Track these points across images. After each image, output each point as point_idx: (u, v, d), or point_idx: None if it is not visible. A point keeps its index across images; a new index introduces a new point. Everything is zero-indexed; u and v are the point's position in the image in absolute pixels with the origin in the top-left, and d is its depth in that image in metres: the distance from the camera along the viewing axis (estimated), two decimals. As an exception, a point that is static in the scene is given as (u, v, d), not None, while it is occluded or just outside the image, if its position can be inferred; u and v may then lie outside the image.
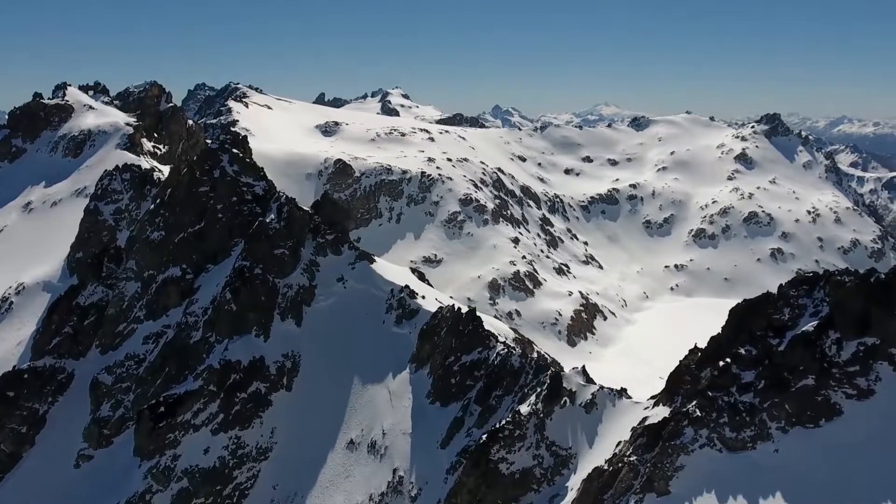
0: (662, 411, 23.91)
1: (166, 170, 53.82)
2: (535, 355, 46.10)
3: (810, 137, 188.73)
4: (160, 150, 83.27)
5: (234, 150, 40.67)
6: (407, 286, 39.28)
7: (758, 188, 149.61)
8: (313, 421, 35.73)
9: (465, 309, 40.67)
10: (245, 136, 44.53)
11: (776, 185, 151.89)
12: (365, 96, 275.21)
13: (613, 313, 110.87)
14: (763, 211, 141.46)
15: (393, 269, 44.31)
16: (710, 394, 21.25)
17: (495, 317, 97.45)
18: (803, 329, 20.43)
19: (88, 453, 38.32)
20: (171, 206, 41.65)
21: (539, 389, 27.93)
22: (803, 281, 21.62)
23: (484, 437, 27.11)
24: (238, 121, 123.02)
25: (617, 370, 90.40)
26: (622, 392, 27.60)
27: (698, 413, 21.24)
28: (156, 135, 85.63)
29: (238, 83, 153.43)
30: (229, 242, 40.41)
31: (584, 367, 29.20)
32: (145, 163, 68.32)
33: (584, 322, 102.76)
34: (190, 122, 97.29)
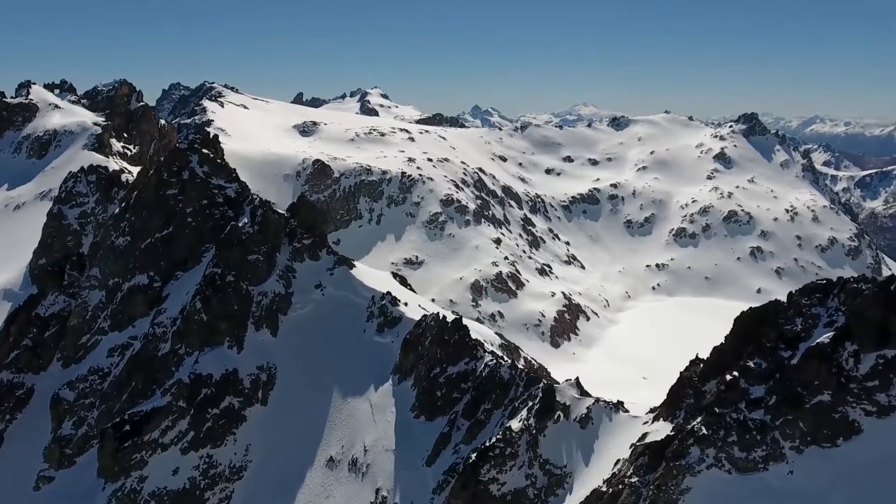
0: (663, 427, 22.43)
1: (136, 171, 51.36)
2: (523, 365, 44.54)
3: (787, 137, 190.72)
4: (130, 150, 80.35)
5: (204, 151, 38.42)
6: (388, 293, 37.42)
7: (737, 187, 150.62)
8: (290, 437, 33.70)
9: (450, 317, 38.97)
10: (216, 136, 42.28)
11: (755, 184, 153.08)
12: (344, 96, 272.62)
13: (596, 314, 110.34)
14: (742, 210, 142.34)
15: (374, 274, 42.39)
16: (717, 410, 19.79)
17: (478, 319, 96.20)
18: (818, 341, 19.07)
19: (49, 474, 35.91)
20: (138, 209, 39.28)
21: (531, 403, 26.30)
22: (816, 289, 20.28)
23: (473, 456, 25.39)
24: (213, 120, 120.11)
25: (601, 371, 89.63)
26: (619, 405, 26.09)
27: (704, 431, 19.76)
28: (126, 135, 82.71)
29: (213, 82, 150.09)
30: (199, 248, 38.16)
31: (577, 378, 27.64)
32: (114, 164, 65.54)
33: (567, 323, 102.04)
34: (162, 121, 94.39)
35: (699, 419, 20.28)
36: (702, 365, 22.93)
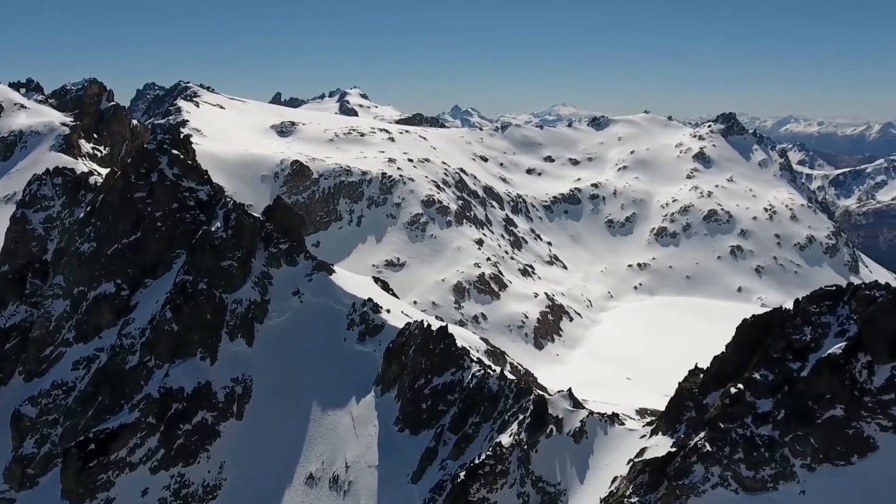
0: (663, 442, 21.23)
1: (106, 173, 49.05)
2: (510, 371, 43.23)
3: (763, 136, 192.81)
4: (100, 151, 77.65)
5: (174, 151, 36.45)
6: (370, 299, 35.81)
7: (716, 186, 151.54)
8: (267, 453, 31.94)
9: (435, 325, 37.52)
10: (187, 136, 40.33)
11: (734, 184, 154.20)
12: (322, 96, 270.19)
13: (579, 314, 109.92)
14: (722, 209, 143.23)
15: (354, 279, 40.72)
16: (722, 425, 18.61)
17: (460, 321, 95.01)
18: (829, 351, 17.99)
19: (10, 496, 33.73)
20: (104, 214, 37.17)
21: (521, 416, 24.94)
22: (825, 295, 19.19)
23: (462, 474, 23.97)
24: (188, 121, 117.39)
25: (585, 372, 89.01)
26: (614, 418, 24.83)
27: (708, 447, 18.58)
28: (96, 136, 79.93)
29: (188, 82, 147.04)
30: (170, 254, 36.19)
31: (569, 389, 26.35)
32: (83, 166, 63.04)
33: (550, 324, 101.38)
34: (134, 122, 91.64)
35: (702, 435, 19.10)
36: (702, 375, 21.76)
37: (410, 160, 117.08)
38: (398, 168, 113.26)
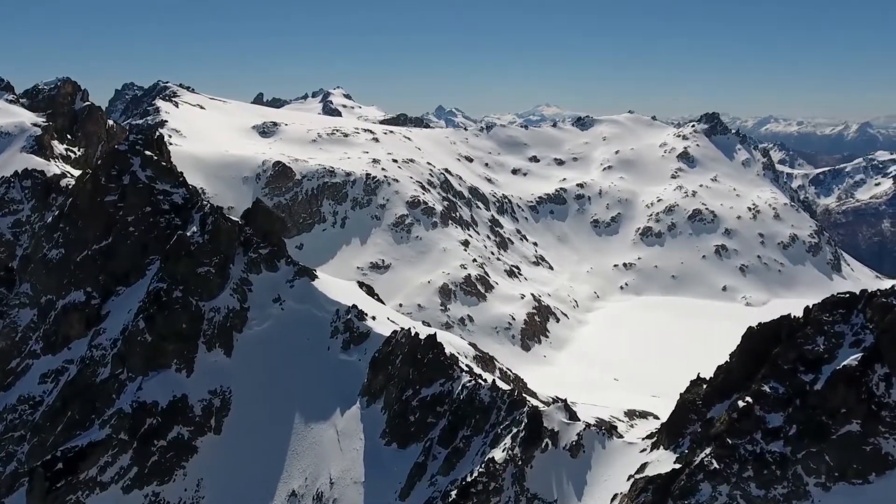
0: (665, 457, 20.12)
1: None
2: (500, 378, 42.00)
3: (747, 136, 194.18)
4: (74, 153, 75.20)
5: (147, 152, 34.72)
6: (354, 306, 34.37)
7: (700, 186, 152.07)
8: (248, 469, 30.38)
9: (423, 332, 36.20)
10: (161, 136, 38.59)
11: (717, 183, 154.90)
12: (305, 96, 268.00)
13: (566, 315, 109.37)
14: (706, 208, 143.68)
15: (338, 284, 39.24)
16: (729, 441, 17.52)
17: (447, 324, 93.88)
18: (844, 363, 16.98)
19: (-28, 518, 31.79)
20: (72, 218, 35.35)
21: (515, 430, 23.70)
22: (838, 303, 18.18)
23: (454, 493, 22.67)
24: (166, 121, 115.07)
25: (573, 374, 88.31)
26: (612, 430, 23.69)
27: (716, 465, 17.48)
28: (69, 137, 77.45)
29: (167, 82, 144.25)
30: (143, 260, 34.46)
31: (566, 401, 25.16)
32: (55, 168, 60.68)
33: (537, 325, 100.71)
34: (110, 122, 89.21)
35: (708, 451, 18.01)
36: (705, 386, 20.67)
37: (395, 161, 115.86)
38: (382, 169, 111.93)
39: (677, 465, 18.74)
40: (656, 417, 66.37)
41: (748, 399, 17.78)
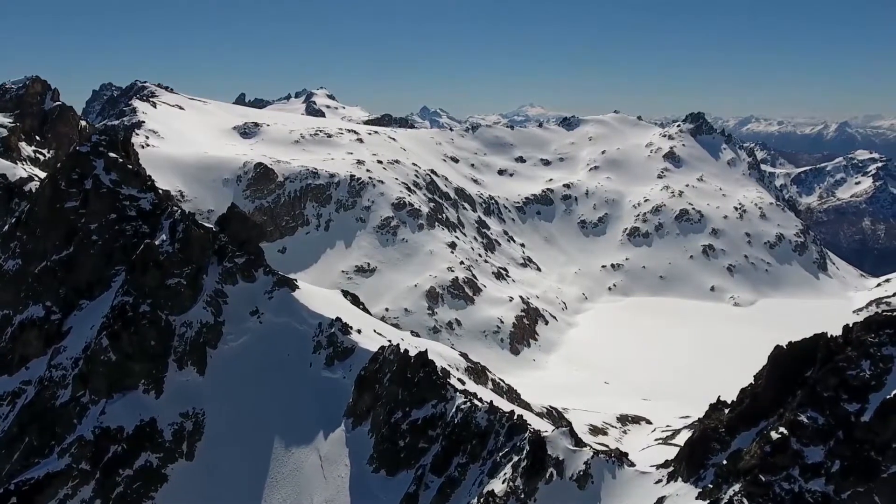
0: (685, 491, 18.09)
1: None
2: (492, 390, 39.91)
3: (734, 136, 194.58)
4: (43, 155, 71.84)
5: (111, 154, 32.07)
6: (338, 318, 32.00)
7: (687, 186, 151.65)
8: (223, 499, 27.88)
9: (412, 342, 33.95)
10: (128, 137, 35.94)
11: (704, 183, 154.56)
12: (288, 97, 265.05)
13: (554, 317, 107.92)
14: (693, 208, 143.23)
15: (320, 294, 36.84)
16: (763, 477, 15.51)
17: (434, 328, 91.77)
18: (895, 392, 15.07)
19: (-80, 556, 28.91)
20: (30, 227, 32.58)
21: (516, 458, 21.55)
22: (885, 322, 16.24)
23: (450, 532, 20.50)
24: (143, 122, 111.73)
25: (563, 377, 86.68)
26: (622, 457, 21.59)
27: (747, 504, 15.48)
28: (39, 138, 74.09)
29: (145, 81, 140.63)
30: (108, 272, 31.82)
31: (571, 426, 23.06)
32: (22, 170, 57.50)
33: (526, 328, 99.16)
34: (83, 122, 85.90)
35: (738, 488, 16.00)
36: (727, 411, 18.67)
37: (380, 162, 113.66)
38: (367, 170, 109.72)
39: (701, 503, 16.73)
40: (649, 422, 64.90)
41: (782, 430, 15.79)
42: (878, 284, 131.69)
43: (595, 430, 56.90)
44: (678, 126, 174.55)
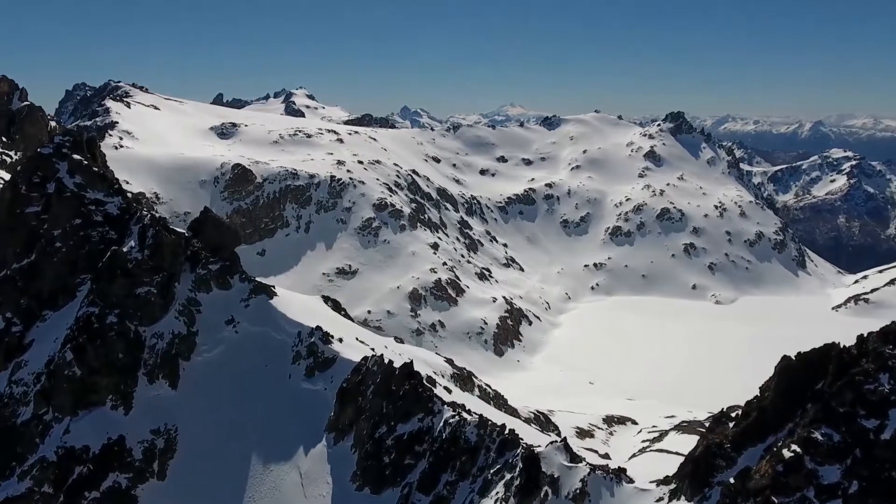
0: (689, 511, 17.08)
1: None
2: (479, 396, 38.73)
3: (712, 135, 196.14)
4: (10, 157, 69.30)
5: (76, 156, 30.29)
6: (318, 327, 30.56)
7: (668, 185, 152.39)
8: (197, 521, 26.38)
9: (396, 349, 32.65)
10: (93, 137, 34.16)
11: (684, 182, 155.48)
12: (267, 97, 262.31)
13: (538, 317, 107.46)
14: (674, 207, 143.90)
15: (300, 301, 35.38)
16: (775, 499, 14.53)
17: (417, 330, 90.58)
18: (918, 408, 14.20)
19: None
20: (-11, 233, 30.65)
21: (508, 476, 20.40)
22: (902, 332, 15.40)
23: (439, 557, 19.27)
24: (117, 122, 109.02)
25: (547, 378, 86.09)
26: (621, 474, 20.53)
27: (758, 528, 14.49)
28: (5, 139, 71.44)
29: (119, 81, 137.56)
30: (73, 280, 30.00)
31: (565, 440, 21.92)
32: (-14, 173, 55.18)
33: (509, 329, 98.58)
34: (53, 123, 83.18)
35: (747, 509, 15.01)
36: (732, 425, 17.69)
37: (360, 162, 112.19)
38: (348, 170, 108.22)
39: (708, 526, 15.74)
40: (634, 423, 64.43)
41: (795, 448, 14.82)
42: (856, 281, 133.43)
43: (582, 433, 56.17)
44: (658, 125, 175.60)
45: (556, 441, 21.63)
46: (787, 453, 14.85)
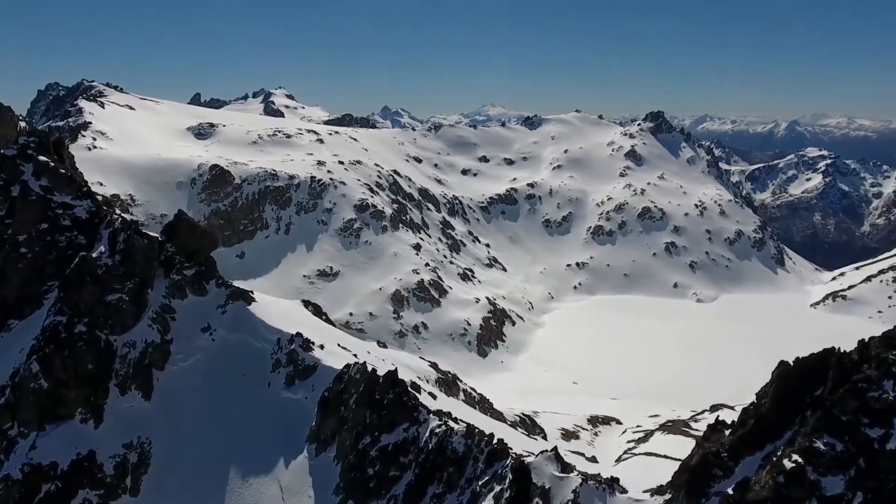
0: (685, 522, 16.49)
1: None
2: (464, 401, 37.99)
3: (691, 134, 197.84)
4: (-24, 158, 66.94)
5: (42, 158, 28.94)
6: (299, 333, 29.56)
7: (648, 184, 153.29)
8: (173, 538, 25.27)
9: (379, 354, 31.79)
10: (61, 138, 32.75)
11: (665, 181, 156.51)
12: (246, 97, 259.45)
13: (521, 317, 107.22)
14: (655, 206, 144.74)
15: (279, 306, 34.32)
16: (776, 512, 13.99)
17: (400, 332, 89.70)
18: (924, 416, 13.73)
19: None
20: (-52, 238, 29.16)
21: (497, 487, 19.66)
22: (906, 338, 14.94)
23: (427, 576, 18.48)
24: (90, 122, 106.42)
25: (531, 379, 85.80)
26: (614, 483, 19.90)
27: (759, 542, 13.92)
28: (-30, 140, 69.06)
29: (93, 80, 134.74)
30: (40, 288, 28.68)
31: (556, 449, 21.27)
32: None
33: (493, 329, 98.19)
34: (23, 123, 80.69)
35: (747, 522, 14.44)
36: (728, 433, 17.14)
37: (341, 163, 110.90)
38: (328, 171, 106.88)
39: (706, 539, 15.16)
40: (619, 422, 64.31)
41: (797, 458, 14.28)
42: (834, 278, 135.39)
43: (567, 434, 55.83)
44: (638, 125, 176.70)
45: (547, 450, 20.94)
46: (788, 464, 14.31)
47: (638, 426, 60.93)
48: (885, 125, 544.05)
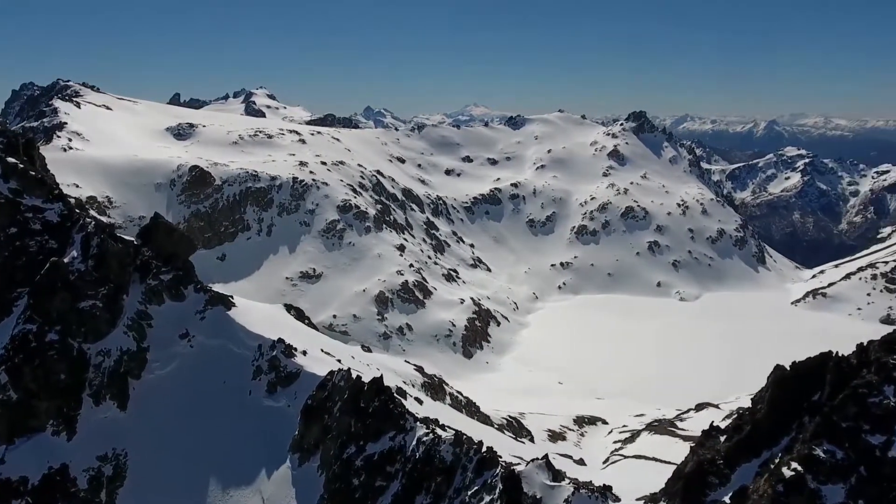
0: (680, 532, 16.03)
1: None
2: (451, 405, 37.36)
3: (673, 134, 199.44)
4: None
5: (10, 160, 27.78)
6: (280, 339, 28.73)
7: (631, 183, 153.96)
8: (150, 554, 24.33)
9: (364, 359, 31.06)
10: (31, 139, 31.52)
11: (647, 180, 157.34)
12: (226, 97, 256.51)
13: (506, 318, 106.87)
14: (638, 205, 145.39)
15: (260, 311, 33.43)
16: (775, 522, 13.56)
17: (385, 334, 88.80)
18: (927, 422, 13.39)
19: None
20: (-88, 243, 27.85)
21: (487, 497, 19.07)
22: (906, 342, 14.60)
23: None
24: (66, 123, 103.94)
25: (516, 379, 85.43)
26: (606, 491, 19.40)
27: (759, 553, 13.49)
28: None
29: (69, 80, 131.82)
30: (9, 294, 27.48)
31: (546, 457, 20.72)
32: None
33: (478, 330, 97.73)
34: (-5, 124, 78.64)
35: (746, 533, 14.00)
36: (723, 439, 16.71)
37: (324, 163, 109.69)
38: (311, 172, 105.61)
39: (703, 550, 14.70)
40: (605, 422, 64.16)
41: (796, 466, 13.87)
42: (814, 276, 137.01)
43: (554, 436, 55.46)
44: (621, 125, 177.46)
45: (538, 458, 20.39)
46: (787, 472, 13.90)
47: (624, 426, 60.78)
48: (860, 125, 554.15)
